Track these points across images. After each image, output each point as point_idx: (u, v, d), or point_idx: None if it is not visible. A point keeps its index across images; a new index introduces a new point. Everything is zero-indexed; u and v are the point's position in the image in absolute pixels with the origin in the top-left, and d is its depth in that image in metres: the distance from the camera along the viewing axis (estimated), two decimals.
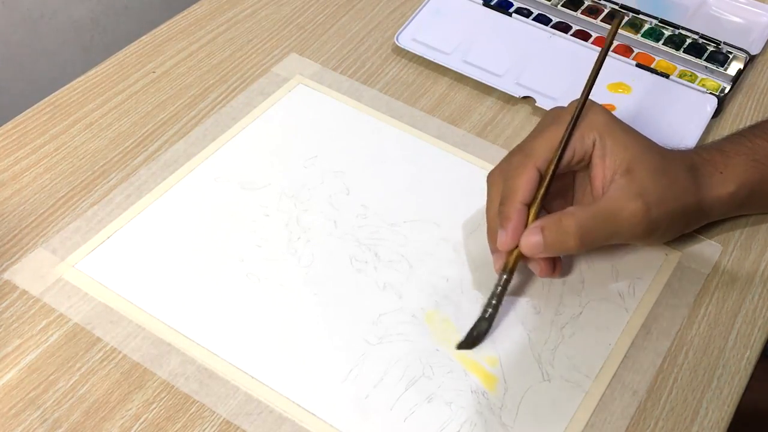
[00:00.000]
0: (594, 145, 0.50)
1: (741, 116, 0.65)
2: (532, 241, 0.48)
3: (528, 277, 0.53)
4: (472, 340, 0.49)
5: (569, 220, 0.48)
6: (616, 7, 0.72)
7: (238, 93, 0.64)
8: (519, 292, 0.52)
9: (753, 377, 0.49)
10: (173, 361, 0.48)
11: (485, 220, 0.52)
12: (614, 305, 0.52)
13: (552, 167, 0.49)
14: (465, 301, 0.51)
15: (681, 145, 0.54)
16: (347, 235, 0.55)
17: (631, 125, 0.63)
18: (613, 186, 0.49)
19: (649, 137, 0.51)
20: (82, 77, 0.65)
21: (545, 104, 0.63)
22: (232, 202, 0.56)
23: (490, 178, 0.51)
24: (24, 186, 0.57)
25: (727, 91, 0.66)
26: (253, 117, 0.62)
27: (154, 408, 0.46)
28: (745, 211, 0.56)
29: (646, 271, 0.54)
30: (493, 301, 0.49)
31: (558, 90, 0.64)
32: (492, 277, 0.53)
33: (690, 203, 0.50)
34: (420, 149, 0.61)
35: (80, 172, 0.58)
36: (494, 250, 0.51)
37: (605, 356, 0.49)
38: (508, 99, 0.65)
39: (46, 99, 0.63)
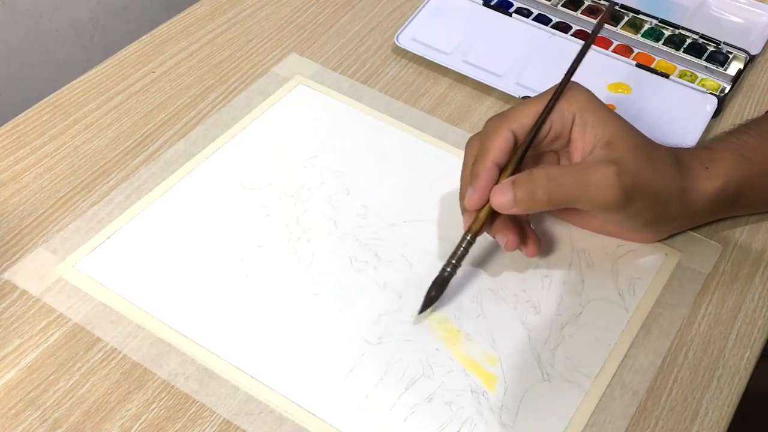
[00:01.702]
0: (573, 120, 0.49)
1: (741, 116, 0.65)
2: (502, 194, 0.48)
3: (528, 276, 0.53)
4: (428, 300, 0.49)
5: (540, 172, 0.48)
6: (617, 7, 0.72)
7: (238, 93, 0.64)
8: (519, 290, 0.52)
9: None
10: (173, 361, 0.48)
11: None
12: (614, 305, 0.52)
13: (530, 134, 0.49)
14: (465, 300, 0.51)
15: (681, 146, 0.54)
16: (347, 235, 0.55)
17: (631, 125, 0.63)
18: (591, 156, 0.49)
19: (649, 137, 0.51)
20: (82, 77, 0.65)
21: None
22: (232, 202, 0.56)
23: (468, 143, 0.52)
24: (24, 186, 0.57)
25: (727, 91, 0.66)
26: (253, 117, 0.62)
27: (154, 408, 0.46)
28: (735, 212, 0.56)
29: (646, 271, 0.54)
30: (453, 261, 0.49)
31: None
32: (493, 276, 0.53)
33: (672, 190, 0.49)
34: (420, 149, 0.61)
35: (80, 172, 0.58)
36: (464, 209, 0.51)
37: (605, 356, 0.49)
38: (508, 99, 0.65)
39: (46, 99, 0.63)
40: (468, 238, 0.49)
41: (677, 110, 0.64)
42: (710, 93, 0.65)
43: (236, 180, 0.58)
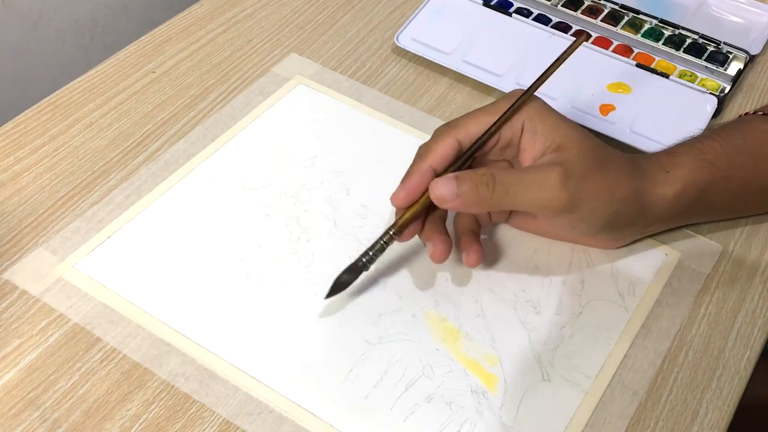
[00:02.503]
0: (522, 129, 0.49)
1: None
2: (443, 186, 0.47)
3: (528, 276, 0.53)
4: (337, 286, 0.49)
5: (484, 170, 0.47)
6: (617, 7, 0.72)
7: (238, 93, 0.64)
8: (519, 290, 0.52)
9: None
10: (173, 361, 0.48)
11: None
12: (614, 305, 0.52)
13: (475, 143, 0.49)
14: (465, 300, 0.51)
15: None
16: (347, 235, 0.55)
17: (631, 125, 0.63)
18: (540, 160, 0.48)
19: (649, 137, 0.51)
20: (82, 77, 0.65)
21: None
22: (232, 202, 0.56)
23: (418, 150, 0.51)
24: (24, 186, 0.57)
25: (727, 91, 0.66)
26: (253, 117, 0.62)
27: (154, 408, 0.46)
28: (699, 217, 0.55)
29: (646, 271, 0.54)
30: (370, 253, 0.49)
31: (557, 90, 0.64)
32: (493, 276, 0.53)
33: (625, 194, 0.49)
34: None
35: (80, 172, 0.58)
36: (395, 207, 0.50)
37: (605, 356, 0.49)
38: None
39: (46, 99, 0.63)
40: (390, 233, 0.49)
41: (677, 110, 0.64)
42: (710, 93, 0.65)
43: (236, 180, 0.58)
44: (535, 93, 0.50)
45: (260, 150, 0.60)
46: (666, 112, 0.64)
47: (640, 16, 0.72)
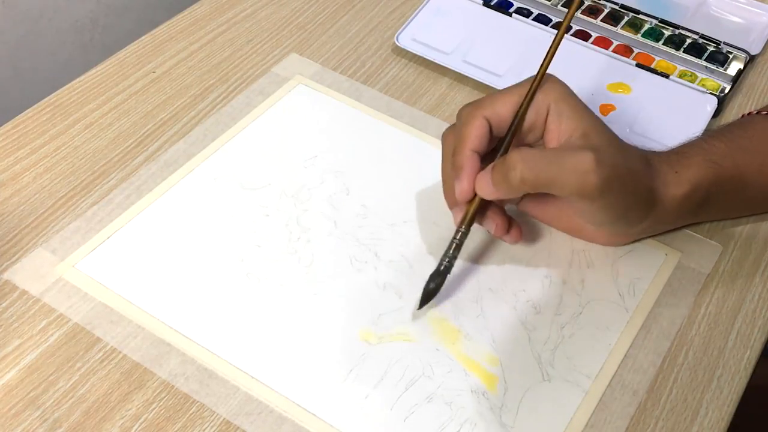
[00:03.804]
0: (548, 110, 0.49)
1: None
2: (482, 180, 0.48)
3: (528, 276, 0.53)
4: (426, 294, 0.50)
5: (514, 154, 0.47)
6: (617, 7, 0.72)
7: (238, 93, 0.64)
8: (519, 290, 0.52)
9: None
10: (173, 361, 0.48)
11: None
12: (614, 305, 0.52)
13: (512, 122, 0.49)
14: (465, 300, 0.51)
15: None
16: (347, 235, 0.55)
17: (631, 125, 0.63)
18: (567, 143, 0.48)
19: (649, 137, 0.51)
20: (82, 77, 0.65)
21: None
22: (232, 202, 0.56)
23: (443, 136, 0.52)
24: (24, 186, 0.57)
25: (727, 91, 0.66)
26: (254, 117, 0.62)
27: (154, 408, 0.46)
28: (704, 217, 0.55)
29: (646, 271, 0.54)
30: (450, 254, 0.50)
31: None
32: (493, 276, 0.53)
33: (642, 188, 0.49)
34: (420, 149, 0.61)
35: (80, 172, 0.58)
36: (452, 204, 0.51)
37: (605, 356, 0.49)
38: None
39: (46, 99, 0.63)
40: (462, 230, 0.50)
41: (677, 110, 0.64)
42: (710, 93, 0.65)
43: (236, 180, 0.58)
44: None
45: (260, 150, 0.60)
46: (666, 112, 0.64)
47: (640, 16, 0.72)
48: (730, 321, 0.51)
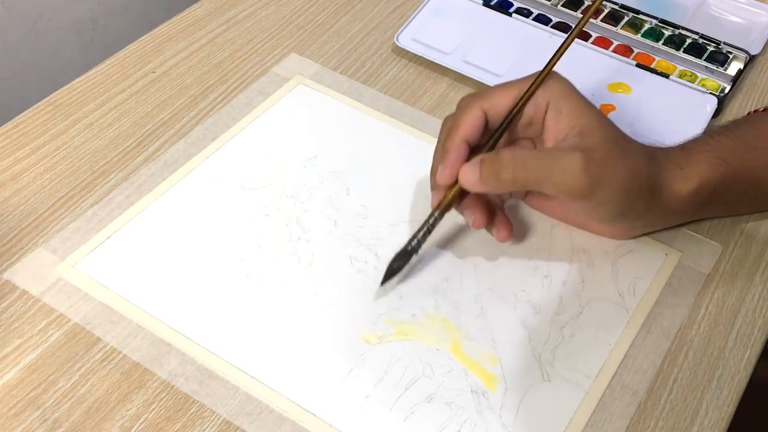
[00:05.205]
0: (547, 107, 0.49)
1: (741, 116, 0.65)
2: (469, 172, 0.48)
3: (528, 276, 0.53)
4: (389, 272, 0.50)
5: (506, 152, 0.48)
6: (617, 7, 0.72)
7: (238, 93, 0.64)
8: (519, 290, 0.52)
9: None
10: (173, 361, 0.48)
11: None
12: (614, 305, 0.52)
13: (506, 116, 0.49)
14: (465, 300, 0.51)
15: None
16: (347, 235, 0.55)
17: (631, 125, 0.63)
18: (562, 143, 0.49)
19: (649, 137, 0.51)
20: (82, 77, 0.65)
21: None
22: (232, 202, 0.56)
23: (443, 122, 0.52)
24: (24, 186, 0.57)
25: (727, 91, 0.66)
26: (253, 117, 0.62)
27: (154, 408, 0.46)
28: (710, 213, 0.55)
29: (646, 271, 0.54)
30: (418, 236, 0.50)
31: None
32: (493, 276, 0.53)
33: (642, 184, 0.49)
34: (420, 149, 0.61)
35: (80, 172, 0.58)
36: (434, 186, 0.51)
37: (605, 356, 0.49)
38: None
39: (46, 99, 0.63)
40: (435, 215, 0.50)
41: (677, 110, 0.64)
42: (710, 93, 0.65)
43: (236, 180, 0.58)
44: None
45: (260, 150, 0.60)
46: (666, 112, 0.64)
47: (640, 16, 0.72)
48: (730, 321, 0.51)
